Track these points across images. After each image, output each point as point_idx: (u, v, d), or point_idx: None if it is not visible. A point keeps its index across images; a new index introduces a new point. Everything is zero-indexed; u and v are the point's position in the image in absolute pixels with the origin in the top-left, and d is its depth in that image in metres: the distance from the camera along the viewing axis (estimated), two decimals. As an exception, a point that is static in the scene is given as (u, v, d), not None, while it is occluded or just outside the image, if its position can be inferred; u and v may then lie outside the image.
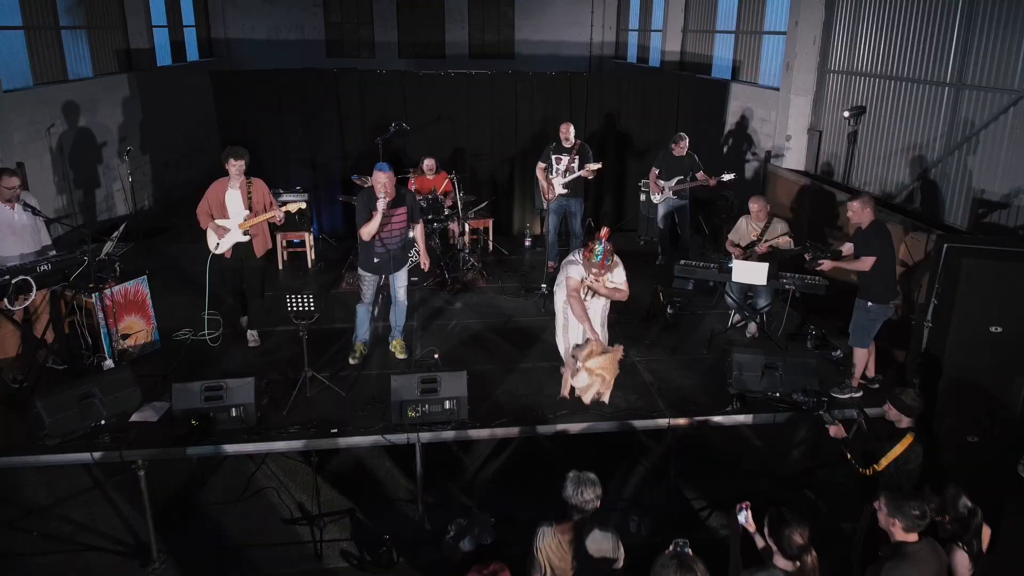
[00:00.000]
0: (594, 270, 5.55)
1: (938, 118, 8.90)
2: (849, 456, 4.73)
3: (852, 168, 9.77)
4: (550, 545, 3.89)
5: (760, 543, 3.89)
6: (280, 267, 9.37)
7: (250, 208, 6.72)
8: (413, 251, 7.38)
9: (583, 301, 5.74)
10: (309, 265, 9.45)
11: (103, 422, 5.41)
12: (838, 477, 5.84)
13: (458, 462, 6.50)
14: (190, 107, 16.18)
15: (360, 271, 6.73)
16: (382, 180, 6.15)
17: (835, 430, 4.86)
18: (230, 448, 5.46)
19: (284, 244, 9.42)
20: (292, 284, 8.90)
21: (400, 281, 6.75)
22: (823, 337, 7.08)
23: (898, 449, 4.42)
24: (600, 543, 3.85)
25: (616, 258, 5.71)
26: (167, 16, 16.82)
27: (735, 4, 14.19)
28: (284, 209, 6.97)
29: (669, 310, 7.58)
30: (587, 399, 5.67)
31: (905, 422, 4.53)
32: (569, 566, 3.88)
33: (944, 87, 8.77)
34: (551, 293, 6.91)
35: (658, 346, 7.21)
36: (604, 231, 5.67)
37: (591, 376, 5.47)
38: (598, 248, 5.46)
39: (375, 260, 6.52)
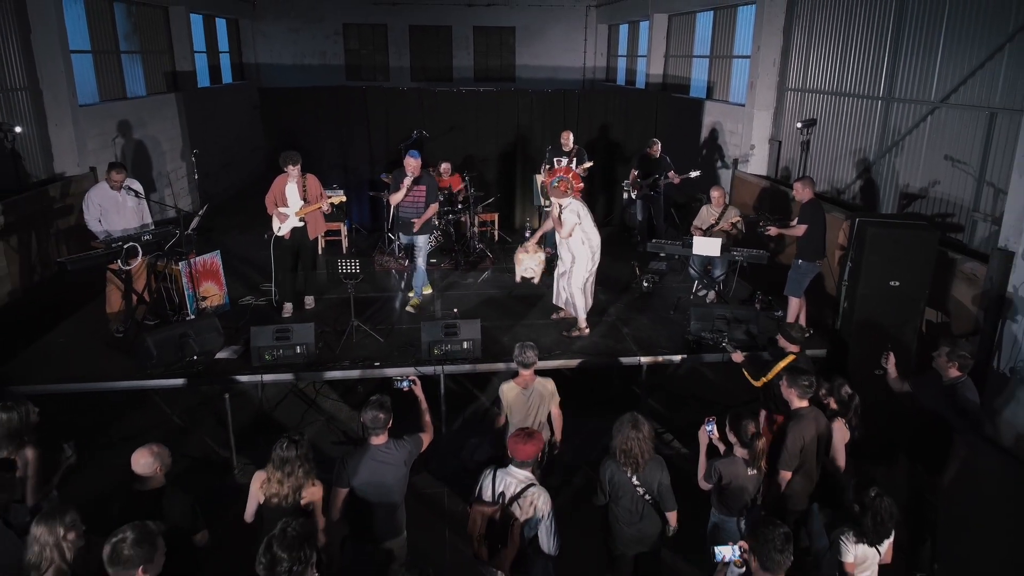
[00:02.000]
0: (551, 195, 7.19)
1: (873, 127, 9.98)
2: (745, 372, 5.88)
3: (806, 171, 10.62)
4: (510, 393, 5.22)
5: (722, 448, 4.80)
6: (319, 252, 10.52)
7: (305, 199, 7.75)
8: (436, 233, 8.59)
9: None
10: (343, 251, 10.61)
11: (195, 357, 6.60)
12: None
13: (475, 397, 7.69)
14: (226, 124, 17.23)
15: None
16: (412, 164, 7.64)
17: (736, 356, 6.00)
18: (296, 375, 6.64)
19: (323, 234, 10.59)
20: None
21: (419, 248, 8.02)
22: (768, 302, 8.25)
23: (781, 364, 5.52)
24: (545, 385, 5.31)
25: (574, 204, 7.07)
26: (206, 43, 17.91)
27: (710, 32, 15.05)
28: (330, 201, 7.99)
29: (645, 283, 8.78)
30: (517, 277, 8.05)
31: (790, 347, 5.62)
32: (522, 406, 5.21)
33: (877, 100, 9.88)
34: (550, 268, 8.16)
35: (634, 308, 8.38)
36: (563, 167, 7.19)
37: (521, 259, 7.90)
38: (555, 180, 7.13)
39: (399, 223, 7.98)
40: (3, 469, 3.92)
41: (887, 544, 4.02)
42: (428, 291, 8.63)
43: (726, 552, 3.15)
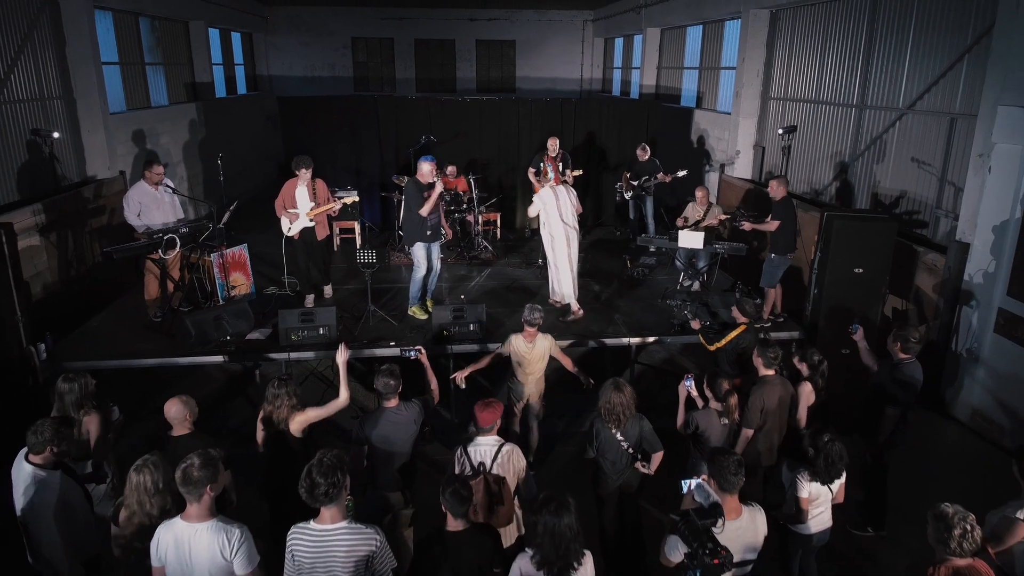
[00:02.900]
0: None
1: (847, 132, 10.56)
2: (701, 338, 6.51)
3: (787, 174, 11.23)
4: (517, 343, 6.00)
5: (700, 403, 5.38)
6: (335, 249, 11.10)
7: (315, 201, 8.22)
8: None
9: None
10: (357, 247, 11.17)
11: (228, 337, 7.18)
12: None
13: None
14: (241, 133, 17.80)
15: (415, 246, 7.84)
16: (428, 169, 7.58)
17: (695, 324, 6.68)
18: (320, 354, 7.23)
19: (338, 231, 11.20)
20: (346, 260, 10.61)
21: (437, 252, 8.06)
22: (748, 291, 8.82)
23: (732, 334, 6.16)
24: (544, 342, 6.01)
25: (543, 193, 7.95)
26: (222, 55, 18.50)
27: (699, 45, 15.60)
28: (341, 202, 8.42)
29: (635, 275, 9.36)
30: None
31: (741, 319, 6.23)
32: (526, 355, 5.99)
33: (851, 108, 10.46)
34: (545, 264, 8.75)
35: (625, 297, 8.97)
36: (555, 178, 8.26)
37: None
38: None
39: (428, 232, 7.78)
40: (67, 427, 4.47)
41: (838, 484, 4.59)
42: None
43: (691, 483, 3.69)
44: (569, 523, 3.42)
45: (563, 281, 8.01)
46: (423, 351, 5.42)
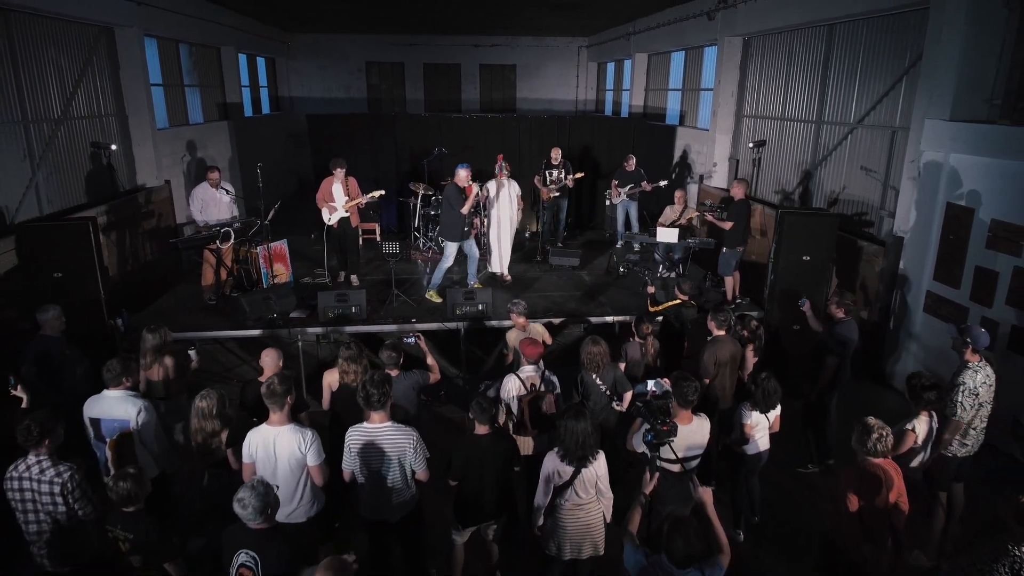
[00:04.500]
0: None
1: (808, 144, 11.54)
2: (649, 300, 7.66)
3: (758, 183, 12.34)
4: (511, 335, 6.76)
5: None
6: (360, 244, 12.04)
7: (348, 195, 9.36)
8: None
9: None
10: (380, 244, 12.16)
11: (275, 315, 8.20)
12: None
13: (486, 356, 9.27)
14: (266, 148, 18.75)
15: (448, 242, 8.92)
16: (464, 174, 8.74)
17: (650, 289, 7.83)
18: (353, 328, 8.23)
19: (361, 232, 12.16)
20: (367, 255, 11.57)
21: (471, 244, 9.24)
22: (716, 280, 9.84)
23: (668, 304, 7.33)
24: (536, 328, 6.86)
25: (490, 183, 9.36)
26: (249, 78, 19.54)
27: (682, 69, 16.57)
28: (370, 196, 9.50)
29: (621, 268, 10.39)
30: None
31: (681, 296, 7.22)
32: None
33: (811, 124, 11.44)
34: (545, 259, 9.79)
35: (611, 285, 10.01)
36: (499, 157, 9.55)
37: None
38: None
39: (465, 229, 8.88)
40: (133, 362, 5.37)
41: (774, 415, 5.60)
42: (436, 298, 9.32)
43: (651, 383, 4.70)
44: (584, 427, 4.40)
45: (504, 255, 9.57)
46: (421, 337, 6.11)
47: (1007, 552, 3.70)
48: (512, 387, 5.61)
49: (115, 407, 4.97)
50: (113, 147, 11.06)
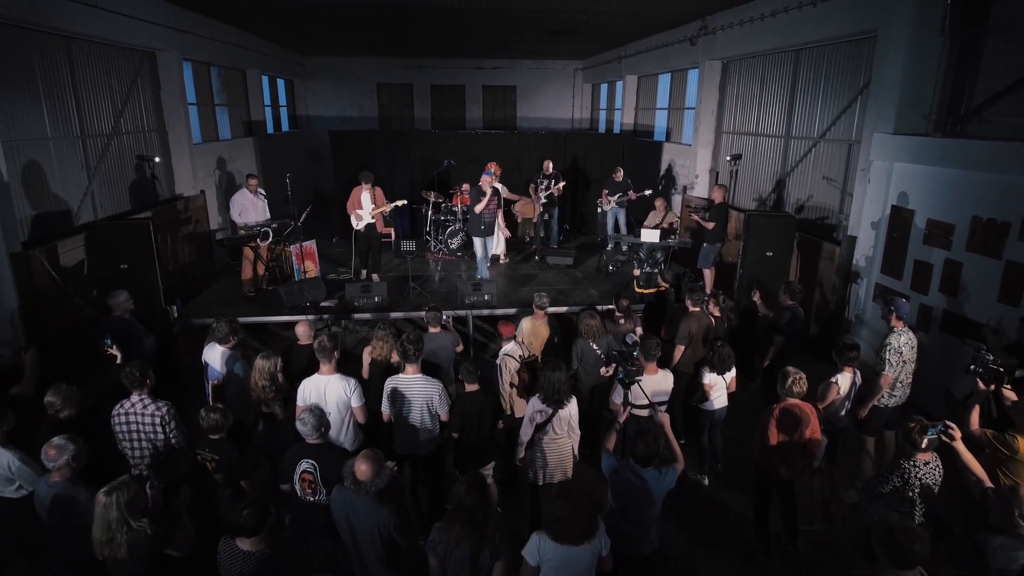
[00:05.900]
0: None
1: (778, 157, 12.45)
2: (634, 282, 8.58)
3: (736, 192, 13.15)
4: (525, 324, 7.42)
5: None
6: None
7: (375, 203, 10.34)
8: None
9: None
10: (393, 248, 13.14)
11: (307, 303, 9.16)
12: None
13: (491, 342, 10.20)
14: (285, 163, 19.54)
15: (474, 238, 10.14)
16: (488, 179, 9.81)
17: (636, 272, 8.78)
18: (377, 315, 9.15)
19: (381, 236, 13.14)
20: (384, 257, 12.52)
21: (493, 243, 10.35)
22: (694, 275, 10.79)
23: (650, 290, 8.27)
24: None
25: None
26: (270, 98, 20.50)
27: (668, 89, 17.48)
28: (394, 204, 10.48)
29: (610, 267, 11.36)
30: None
31: (663, 285, 8.19)
32: (537, 336, 7.38)
33: (781, 139, 12.36)
34: (543, 259, 10.74)
35: (601, 280, 10.94)
36: (491, 164, 10.45)
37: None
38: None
39: (482, 227, 10.00)
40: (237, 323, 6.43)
41: (730, 377, 6.53)
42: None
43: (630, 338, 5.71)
44: (560, 376, 5.33)
45: (499, 241, 10.71)
46: (450, 319, 7.07)
47: (899, 466, 4.65)
48: (509, 358, 6.54)
49: (218, 359, 6.08)
50: (157, 159, 11.99)
